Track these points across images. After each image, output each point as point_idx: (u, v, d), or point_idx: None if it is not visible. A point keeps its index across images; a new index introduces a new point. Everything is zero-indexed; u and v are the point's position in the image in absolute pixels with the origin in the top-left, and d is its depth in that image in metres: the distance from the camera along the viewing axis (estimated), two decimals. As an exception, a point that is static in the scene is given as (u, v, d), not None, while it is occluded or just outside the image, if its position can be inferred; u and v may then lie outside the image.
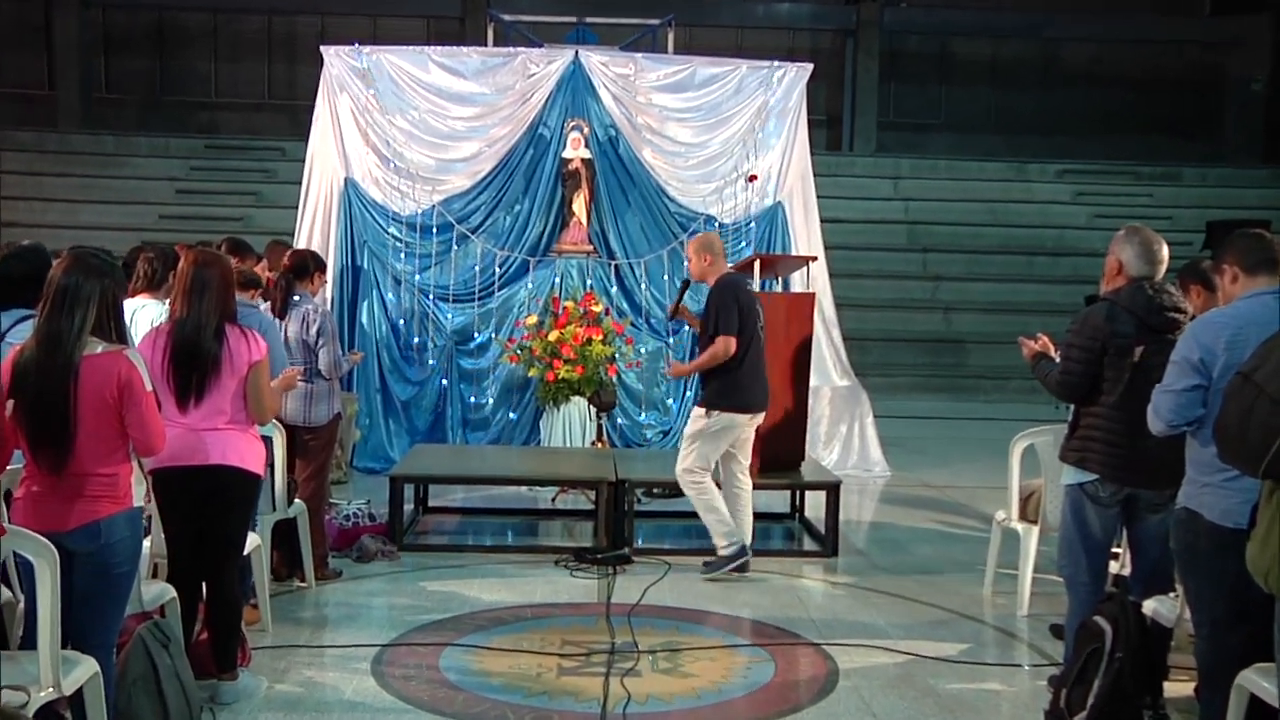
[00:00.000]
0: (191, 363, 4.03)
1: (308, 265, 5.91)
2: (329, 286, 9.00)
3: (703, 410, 5.99)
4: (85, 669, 3.38)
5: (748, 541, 6.14)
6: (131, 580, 3.57)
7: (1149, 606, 4.10)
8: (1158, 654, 4.13)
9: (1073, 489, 4.32)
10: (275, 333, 5.36)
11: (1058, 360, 4.42)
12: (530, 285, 9.34)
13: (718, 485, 6.15)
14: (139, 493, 3.63)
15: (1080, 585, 4.32)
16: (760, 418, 6.16)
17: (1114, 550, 4.72)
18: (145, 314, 4.93)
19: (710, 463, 6.04)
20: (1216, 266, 3.78)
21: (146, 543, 4.13)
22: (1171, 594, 4.09)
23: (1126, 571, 4.73)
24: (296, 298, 5.75)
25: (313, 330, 5.69)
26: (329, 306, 8.88)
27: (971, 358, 14.37)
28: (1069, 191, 17.16)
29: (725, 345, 5.85)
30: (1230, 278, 3.64)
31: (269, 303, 5.74)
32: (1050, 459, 5.25)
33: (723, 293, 5.91)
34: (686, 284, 6.66)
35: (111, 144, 16.77)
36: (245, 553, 4.51)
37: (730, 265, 8.46)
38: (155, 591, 4.04)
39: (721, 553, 6.07)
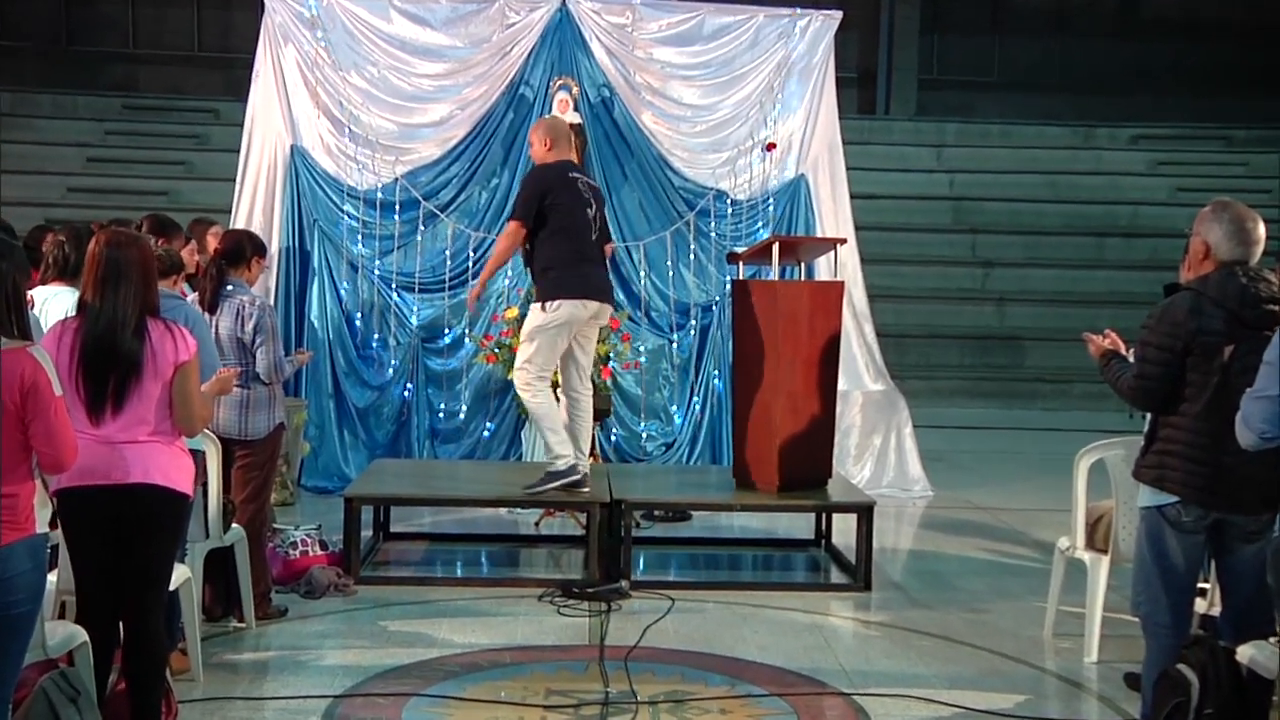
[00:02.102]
0: (106, 364, 4.00)
1: (243, 249, 5.87)
2: (271, 274, 8.97)
3: (539, 305, 6.50)
4: (-22, 727, 3.34)
5: (585, 459, 6.73)
6: (33, 621, 3.53)
7: (1244, 653, 4.07)
8: (1255, 711, 4.09)
9: (1149, 513, 4.29)
10: (204, 328, 5.34)
11: (1131, 360, 4.39)
12: (510, 272, 9.30)
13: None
14: (43, 517, 3.60)
15: (1160, 627, 4.29)
16: (604, 313, 6.72)
17: (1200, 586, 4.70)
18: (58, 305, 4.91)
19: (551, 366, 6.61)
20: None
21: (52, 577, 4.10)
22: (1271, 638, 4.05)
23: (1216, 611, 4.70)
24: (229, 287, 5.73)
25: (249, 326, 5.66)
26: (271, 298, 8.86)
27: (1029, 357, 14.36)
28: (1146, 160, 17.14)
29: (510, 230, 6.51)
30: None
31: (197, 293, 5.71)
32: (1123, 477, 5.23)
33: (531, 181, 6.58)
34: None
35: (7, 102, 16.68)
36: (172, 588, 4.48)
37: (742, 249, 8.48)
38: (62, 635, 4.01)
39: (550, 469, 6.54)
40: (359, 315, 9.34)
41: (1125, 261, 15.41)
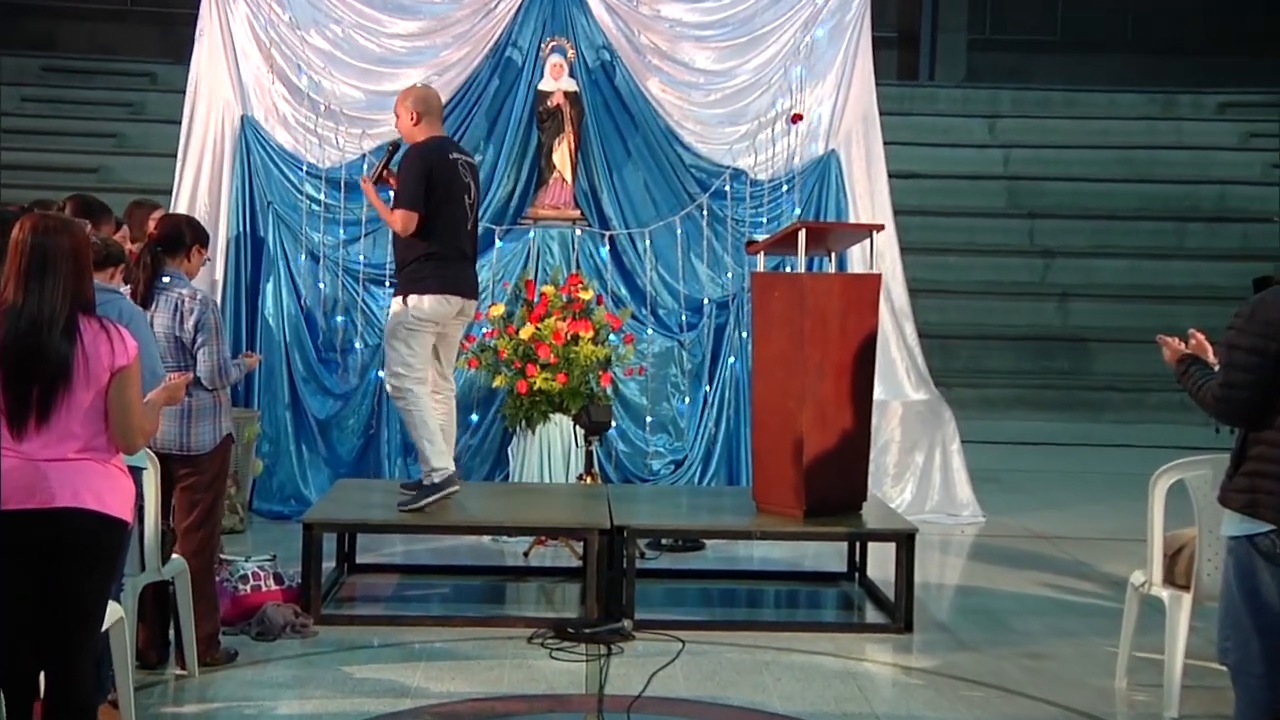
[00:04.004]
0: (30, 369, 4.00)
1: (182, 236, 5.88)
2: (218, 265, 8.99)
3: (400, 299, 6.89)
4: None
5: (453, 465, 7.09)
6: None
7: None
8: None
9: (1239, 543, 4.29)
10: (144, 326, 5.34)
11: (1216, 367, 4.40)
12: (495, 264, 9.33)
13: None
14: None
15: (1251, 676, 4.28)
16: (470, 309, 7.11)
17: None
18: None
19: (425, 366, 6.93)
20: None
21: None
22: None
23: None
24: (166, 279, 5.73)
25: (189, 323, 5.66)
26: (219, 293, 8.88)
27: (1097, 362, 14.36)
28: (1235, 132, 17.11)
29: (404, 220, 6.75)
30: None
31: (130, 285, 5.72)
32: (1207, 501, 5.23)
33: (415, 162, 6.84)
34: (396, 145, 7.35)
35: (-95, 65, 16.72)
36: (103, 628, 4.48)
37: (763, 236, 8.48)
38: (-25, 685, 4.01)
39: (427, 480, 6.85)
40: (321, 312, 9.35)
41: (1210, 250, 15.41)
